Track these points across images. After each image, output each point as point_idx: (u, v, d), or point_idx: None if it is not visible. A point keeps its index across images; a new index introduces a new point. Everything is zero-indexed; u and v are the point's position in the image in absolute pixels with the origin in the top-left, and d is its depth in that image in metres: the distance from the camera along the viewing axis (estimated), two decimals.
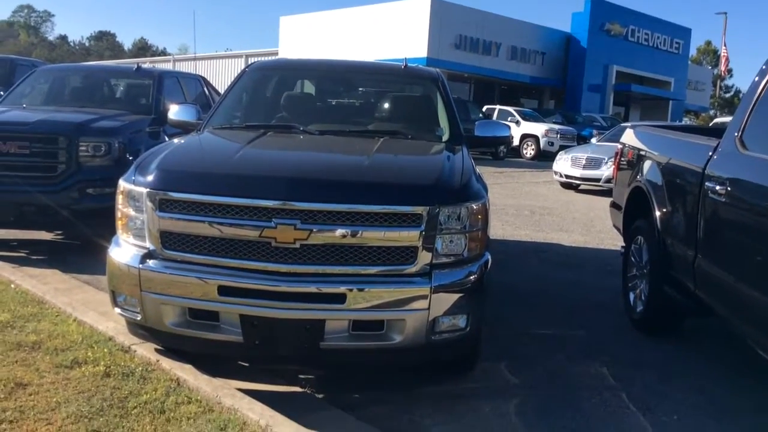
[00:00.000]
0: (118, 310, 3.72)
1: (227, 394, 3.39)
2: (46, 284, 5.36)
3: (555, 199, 13.72)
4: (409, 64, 5.37)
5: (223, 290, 3.39)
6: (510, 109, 26.98)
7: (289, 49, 34.64)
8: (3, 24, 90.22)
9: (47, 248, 6.90)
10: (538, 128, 25.35)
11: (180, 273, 3.45)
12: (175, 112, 5.03)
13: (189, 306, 3.48)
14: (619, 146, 6.33)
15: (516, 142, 25.25)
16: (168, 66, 37.71)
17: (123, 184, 3.68)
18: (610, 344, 4.87)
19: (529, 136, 25.38)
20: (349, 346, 3.47)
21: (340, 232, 3.35)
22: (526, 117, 26.47)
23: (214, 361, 3.77)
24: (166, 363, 3.74)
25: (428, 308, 3.42)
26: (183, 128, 5.09)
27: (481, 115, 23.83)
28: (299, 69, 5.85)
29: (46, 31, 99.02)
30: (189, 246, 3.48)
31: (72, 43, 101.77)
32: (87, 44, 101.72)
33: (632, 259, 5.48)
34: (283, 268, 3.37)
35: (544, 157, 23.38)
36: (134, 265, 3.51)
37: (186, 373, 3.63)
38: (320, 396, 3.78)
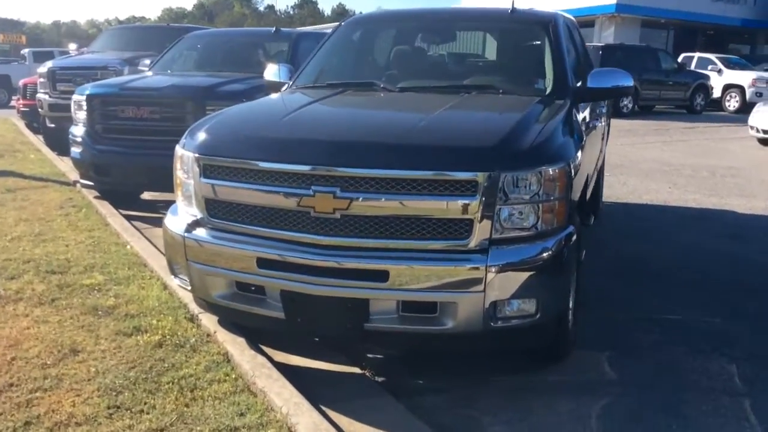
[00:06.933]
0: (174, 279, 3.64)
1: (264, 374, 3.16)
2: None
3: (746, 158, 12.02)
4: (517, 8, 4.72)
5: (263, 263, 3.15)
6: (711, 56, 24.21)
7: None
8: None
9: None
10: (744, 77, 22.49)
11: (221, 243, 3.27)
12: (267, 72, 4.84)
13: (233, 278, 3.30)
14: None
15: (717, 93, 22.70)
16: None
17: (177, 149, 3.55)
18: (751, 336, 4.02)
19: (734, 87, 22.63)
20: (398, 330, 3.09)
21: (382, 201, 2.96)
22: (731, 65, 23.62)
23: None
24: (222, 335, 3.60)
25: (483, 290, 2.94)
26: (276, 89, 4.90)
27: (675, 65, 21.74)
28: (395, 20, 5.37)
29: (257, 2, 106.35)
30: (231, 215, 3.28)
31: (278, 12, 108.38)
32: (291, 12, 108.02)
33: None
34: (323, 240, 3.05)
35: (751, 110, 20.63)
36: (180, 233, 3.38)
37: (236, 346, 3.46)
38: (380, 379, 3.45)
